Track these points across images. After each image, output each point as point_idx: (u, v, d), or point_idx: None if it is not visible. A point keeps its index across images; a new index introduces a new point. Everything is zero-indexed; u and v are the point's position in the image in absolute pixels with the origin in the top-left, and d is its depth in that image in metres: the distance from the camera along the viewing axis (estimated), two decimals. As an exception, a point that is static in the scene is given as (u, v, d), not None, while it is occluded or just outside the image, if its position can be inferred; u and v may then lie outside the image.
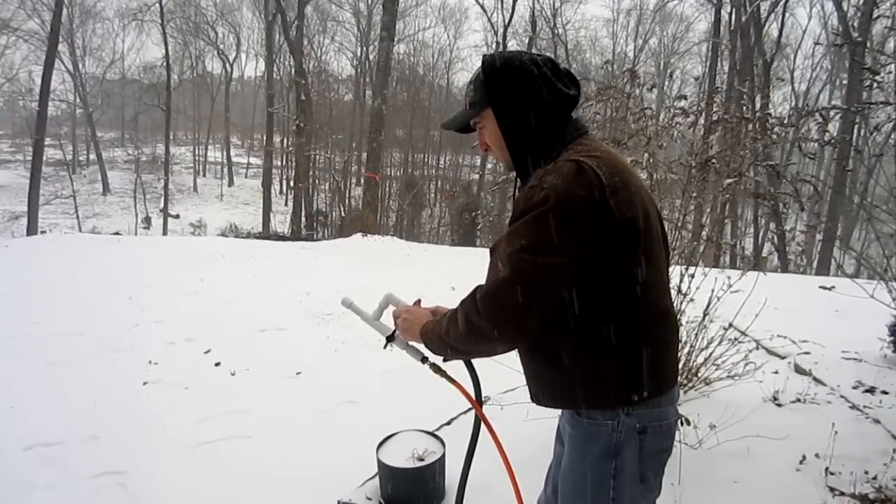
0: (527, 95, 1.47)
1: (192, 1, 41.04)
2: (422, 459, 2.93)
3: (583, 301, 1.36)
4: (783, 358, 4.74)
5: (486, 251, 1.48)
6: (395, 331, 1.82)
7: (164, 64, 33.57)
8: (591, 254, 1.32)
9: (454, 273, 8.81)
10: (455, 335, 1.47)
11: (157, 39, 38.91)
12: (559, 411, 1.69)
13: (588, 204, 1.31)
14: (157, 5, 32.43)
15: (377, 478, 3.03)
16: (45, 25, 31.72)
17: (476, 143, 1.74)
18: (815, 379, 4.19)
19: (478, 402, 1.81)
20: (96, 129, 42.89)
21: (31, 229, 22.92)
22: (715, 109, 3.79)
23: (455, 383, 1.81)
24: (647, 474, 1.50)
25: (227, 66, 46.23)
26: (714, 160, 3.33)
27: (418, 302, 1.85)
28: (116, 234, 21.08)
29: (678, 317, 3.19)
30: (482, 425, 1.81)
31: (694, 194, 3.56)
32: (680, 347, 2.95)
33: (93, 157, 44.38)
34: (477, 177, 32.58)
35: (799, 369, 4.44)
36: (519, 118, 1.49)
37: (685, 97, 3.69)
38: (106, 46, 45.23)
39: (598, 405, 1.45)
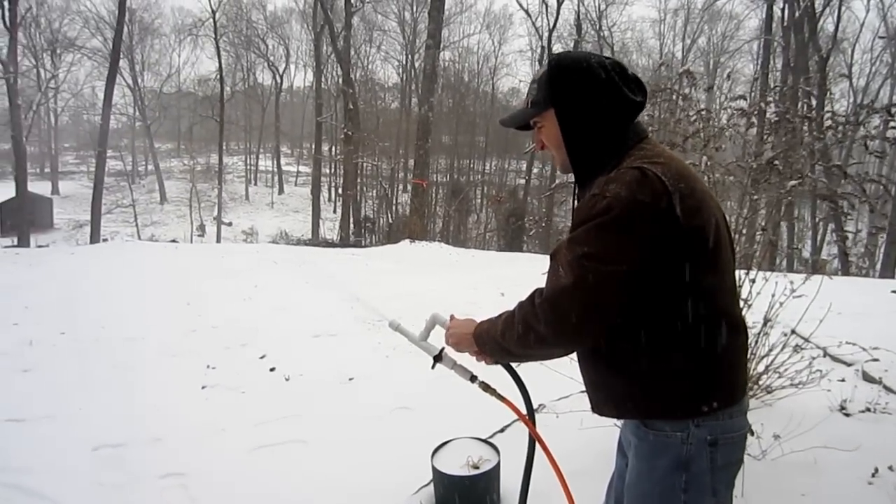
0: (592, 99, 1.44)
1: (243, 15, 42.53)
2: (476, 467, 2.91)
3: (647, 308, 1.34)
4: (850, 365, 4.53)
5: (534, 257, 1.47)
6: (442, 350, 1.81)
7: (218, 76, 34.68)
8: (656, 261, 1.30)
9: (502, 279, 8.76)
10: (512, 338, 1.46)
11: (210, 53, 40.28)
12: (617, 420, 1.65)
13: (653, 211, 1.28)
14: (211, 20, 33.63)
15: (431, 485, 3.03)
16: (108, 43, 33.29)
17: (528, 148, 1.72)
18: (885, 387, 3.98)
19: (529, 418, 1.78)
20: (154, 140, 44.63)
21: (94, 237, 23.94)
22: (774, 109, 3.67)
23: (505, 401, 1.80)
24: (719, 487, 1.45)
25: (277, 77, 47.48)
26: (777, 161, 3.21)
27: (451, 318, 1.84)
28: (173, 241, 21.82)
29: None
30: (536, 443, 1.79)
31: (755, 196, 3.45)
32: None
33: (151, 167, 46.20)
34: (523, 181, 32.45)
35: (867, 377, 4.24)
36: (581, 122, 1.46)
37: (744, 97, 3.58)
38: (163, 61, 47.26)
39: (665, 416, 1.41)
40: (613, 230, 1.29)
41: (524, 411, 1.79)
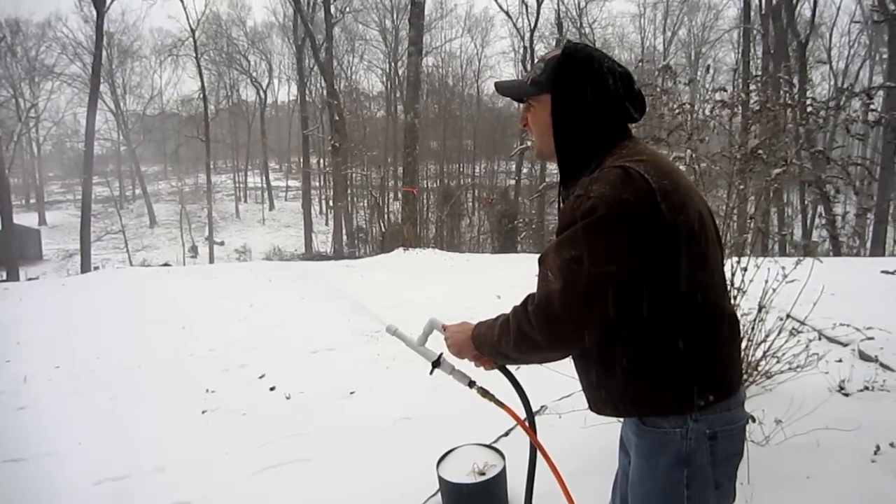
0: (590, 103, 1.44)
1: (223, 32, 42.50)
2: (483, 473, 2.90)
3: (638, 307, 1.34)
4: (846, 345, 4.55)
5: (528, 257, 1.46)
6: (440, 356, 1.81)
7: (201, 96, 34.69)
8: (644, 260, 1.30)
9: (499, 281, 8.77)
10: (507, 344, 1.47)
11: (192, 73, 40.15)
12: (619, 418, 1.66)
13: (638, 210, 1.29)
14: (191, 39, 33.58)
15: (439, 495, 3.01)
16: (87, 68, 33.18)
17: (516, 150, 1.71)
18: (882, 365, 4.00)
19: (529, 423, 1.77)
20: (140, 163, 44.47)
21: (85, 266, 23.80)
22: (755, 99, 3.69)
23: (504, 407, 1.79)
24: (721, 480, 1.45)
25: (261, 92, 47.42)
26: (760, 150, 3.23)
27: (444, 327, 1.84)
28: (165, 264, 21.73)
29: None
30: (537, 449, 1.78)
31: (741, 186, 3.46)
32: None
33: (138, 191, 46.01)
34: (513, 182, 32.50)
35: (864, 356, 4.25)
36: (572, 119, 1.46)
37: (724, 89, 3.59)
38: (144, 83, 47.11)
39: (660, 412, 1.42)
40: (600, 231, 1.28)
41: (523, 416, 1.78)
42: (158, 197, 44.83)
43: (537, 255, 1.46)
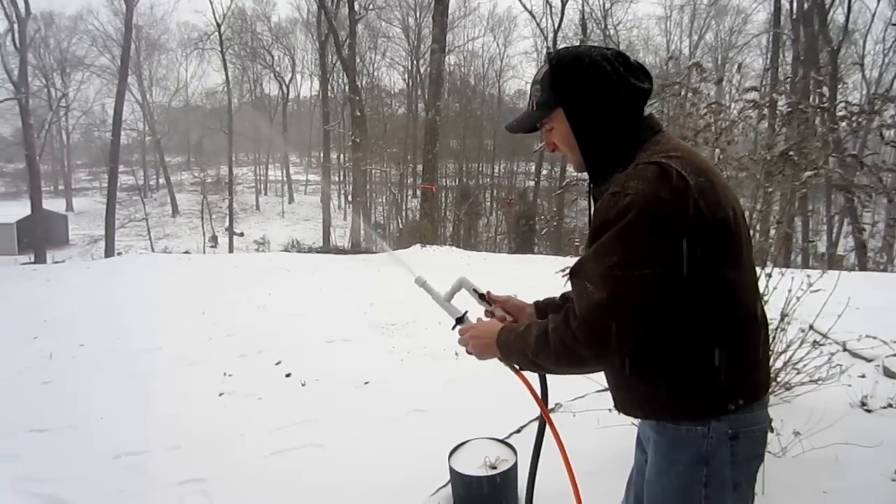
0: (600, 94, 1.40)
1: (248, 27, 42.83)
2: (494, 467, 2.90)
3: (676, 310, 1.30)
4: (870, 361, 4.46)
5: (545, 258, 1.45)
6: (465, 314, 1.78)
7: (225, 89, 35.06)
8: (684, 258, 1.25)
9: (515, 281, 8.76)
10: (547, 358, 1.40)
11: (217, 66, 40.63)
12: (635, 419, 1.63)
13: (675, 207, 1.24)
14: (217, 34, 33.91)
15: (449, 486, 3.03)
16: (116, 60, 33.70)
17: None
18: (908, 383, 3.93)
19: (544, 401, 1.74)
20: (164, 154, 45.04)
21: (109, 251, 24.22)
22: (787, 101, 3.64)
23: (523, 378, 1.71)
24: (740, 482, 1.42)
25: (284, 87, 47.78)
26: (791, 152, 3.18)
27: (488, 294, 1.83)
28: (186, 253, 21.97)
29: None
30: (546, 426, 1.74)
31: (770, 189, 3.41)
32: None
33: (162, 181, 46.62)
34: (532, 183, 32.40)
35: (889, 372, 4.17)
36: (592, 118, 1.42)
37: (755, 89, 3.55)
38: (170, 76, 47.77)
39: (689, 416, 1.39)
40: (638, 231, 1.24)
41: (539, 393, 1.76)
42: (181, 187, 45.41)
43: (554, 257, 1.44)
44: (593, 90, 1.40)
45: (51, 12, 40.06)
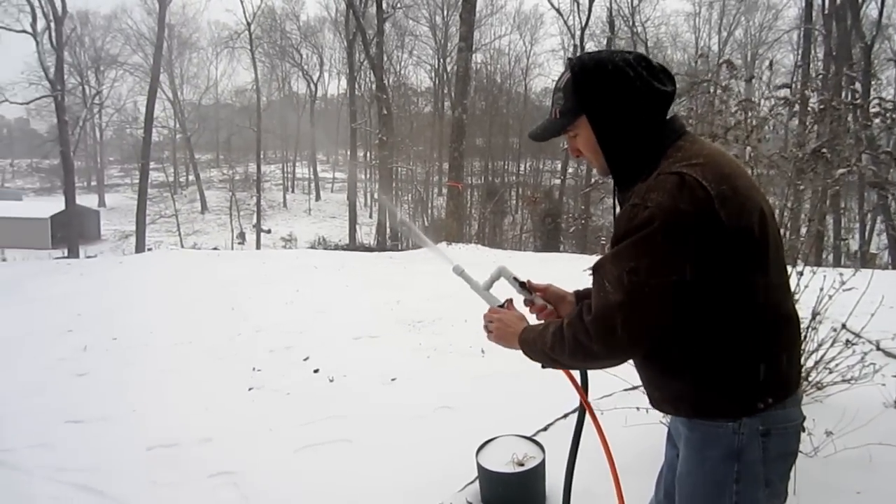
0: (623, 100, 1.40)
1: (277, 26, 43.29)
2: (522, 464, 2.90)
3: (699, 313, 1.33)
4: (905, 360, 4.38)
5: (571, 257, 1.47)
6: (504, 303, 1.79)
7: (254, 87, 35.47)
8: (703, 268, 1.28)
9: (541, 279, 8.67)
10: (562, 353, 1.46)
11: (246, 65, 41.26)
12: (663, 416, 1.65)
13: (695, 219, 1.26)
14: (247, 33, 34.33)
15: (477, 482, 3.04)
16: (148, 58, 34.34)
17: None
18: (945, 383, 3.83)
19: (582, 384, 1.77)
20: (194, 151, 45.79)
21: (140, 246, 24.72)
22: (819, 98, 3.58)
23: (566, 371, 1.73)
24: (772, 478, 1.43)
25: (312, 85, 48.22)
26: (825, 149, 3.13)
27: (528, 282, 1.84)
28: (215, 249, 22.30)
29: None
30: (586, 415, 1.77)
31: (801, 187, 3.37)
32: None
33: (191, 178, 47.44)
34: (558, 181, 32.22)
35: (925, 373, 4.08)
36: (616, 124, 1.43)
37: (788, 86, 3.50)
38: (201, 74, 48.55)
39: (720, 415, 1.40)
40: (657, 242, 1.27)
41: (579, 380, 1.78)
42: (210, 184, 46.09)
43: (580, 256, 1.46)
44: (617, 97, 1.40)
45: (86, 11, 41.11)
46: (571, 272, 3.62)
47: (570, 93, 1.45)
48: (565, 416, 3.72)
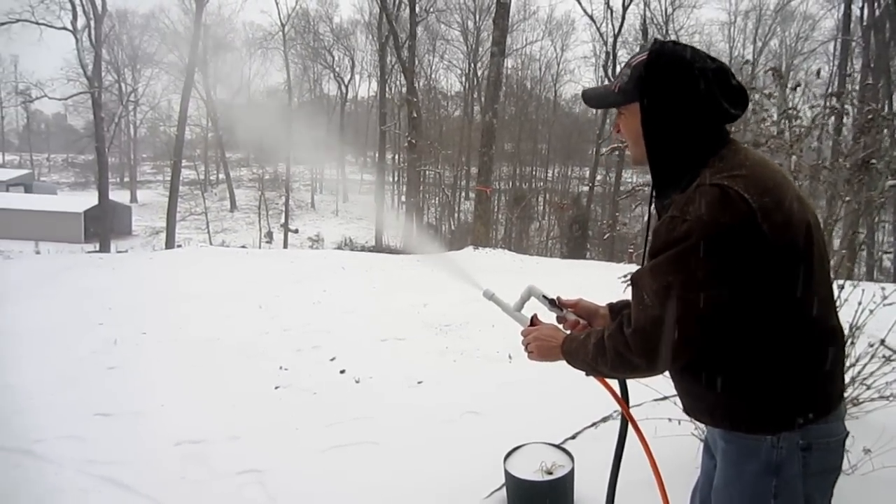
0: (681, 107, 1.35)
1: (311, 28, 43.76)
2: (550, 473, 2.85)
3: (740, 327, 1.30)
4: (949, 379, 4.22)
5: (598, 264, 1.44)
6: (532, 318, 1.82)
7: (286, 88, 35.83)
8: (744, 282, 1.25)
9: (570, 285, 8.56)
10: (604, 364, 1.46)
11: (279, 65, 41.63)
12: (695, 428, 1.62)
13: (736, 233, 1.23)
14: (280, 34, 34.76)
15: (503, 489, 2.99)
16: (184, 58, 34.87)
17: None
18: None
19: (624, 400, 1.76)
20: (225, 150, 46.37)
21: (170, 243, 25.11)
22: (866, 108, 3.48)
23: (602, 381, 1.74)
24: (814, 495, 1.38)
25: (343, 87, 48.65)
26: (873, 160, 3.03)
27: (558, 299, 1.83)
28: (243, 247, 22.57)
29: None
30: (629, 427, 1.76)
31: (847, 199, 3.27)
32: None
33: (222, 176, 48.08)
34: (586, 189, 31.98)
35: (966, 392, 3.93)
36: (664, 126, 1.38)
37: (838, 94, 3.40)
38: (234, 74, 49.02)
39: (759, 429, 1.36)
40: (696, 257, 1.23)
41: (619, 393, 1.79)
42: (240, 183, 46.74)
43: (607, 264, 1.44)
44: (676, 101, 1.36)
45: (125, 10, 41.90)
46: (600, 279, 3.56)
47: (635, 75, 1.40)
48: (594, 424, 3.66)
